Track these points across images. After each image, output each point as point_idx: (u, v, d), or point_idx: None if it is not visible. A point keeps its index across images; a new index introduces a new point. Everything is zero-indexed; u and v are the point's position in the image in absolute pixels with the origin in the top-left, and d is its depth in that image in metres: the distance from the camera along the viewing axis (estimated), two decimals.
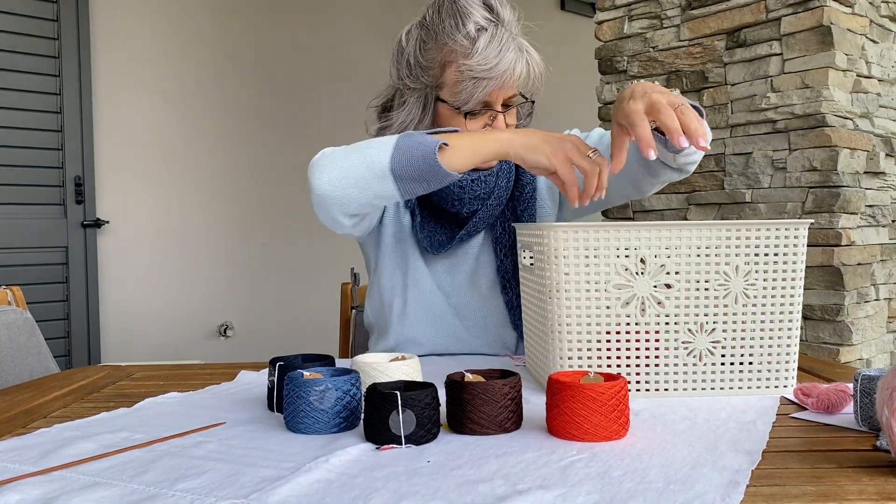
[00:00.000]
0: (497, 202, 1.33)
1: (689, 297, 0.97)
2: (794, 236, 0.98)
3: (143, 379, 1.21)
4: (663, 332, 0.97)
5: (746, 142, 2.68)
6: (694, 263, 0.96)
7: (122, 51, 3.44)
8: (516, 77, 1.22)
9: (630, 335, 0.97)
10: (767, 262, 0.97)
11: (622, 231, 0.95)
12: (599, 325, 0.97)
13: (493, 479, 0.66)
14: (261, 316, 3.87)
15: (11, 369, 1.43)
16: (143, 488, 0.65)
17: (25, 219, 3.16)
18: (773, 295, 0.98)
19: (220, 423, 0.88)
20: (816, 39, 2.46)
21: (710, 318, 0.98)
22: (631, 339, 0.97)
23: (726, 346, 0.98)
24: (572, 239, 0.95)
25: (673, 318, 0.97)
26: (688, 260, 0.96)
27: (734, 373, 0.99)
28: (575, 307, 0.96)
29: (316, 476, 0.67)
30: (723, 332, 0.98)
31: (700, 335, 0.98)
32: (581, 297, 0.96)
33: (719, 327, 0.98)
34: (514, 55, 1.20)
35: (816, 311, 2.50)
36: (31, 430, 0.88)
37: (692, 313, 0.97)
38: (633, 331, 0.97)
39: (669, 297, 0.97)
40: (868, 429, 0.80)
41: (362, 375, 0.93)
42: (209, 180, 3.72)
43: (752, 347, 0.99)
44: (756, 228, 0.97)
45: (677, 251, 0.96)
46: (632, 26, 3.03)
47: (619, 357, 0.97)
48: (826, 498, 0.61)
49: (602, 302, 0.96)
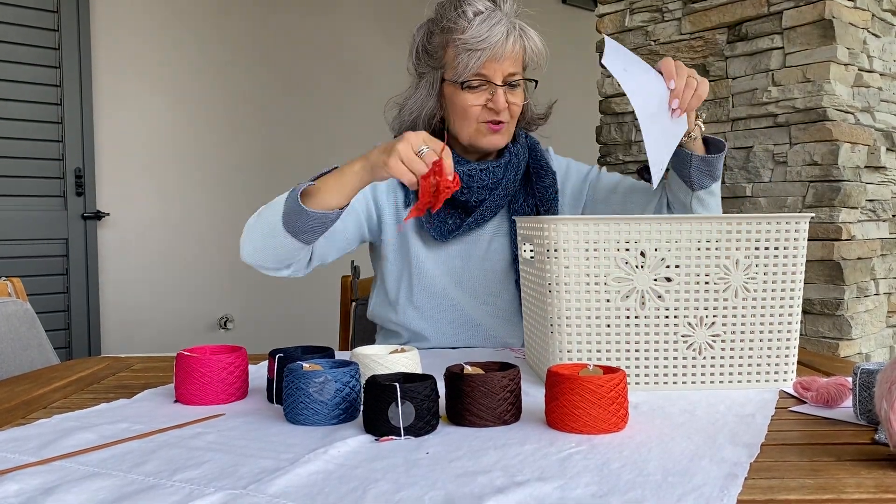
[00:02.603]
0: (504, 192, 1.36)
1: (689, 291, 0.97)
2: (794, 230, 0.98)
3: (142, 370, 1.21)
4: (663, 325, 0.97)
5: (747, 136, 2.67)
6: (694, 257, 0.96)
7: (122, 42, 3.43)
8: (509, 50, 1.26)
9: (630, 329, 0.97)
10: (768, 255, 0.97)
11: (622, 224, 0.95)
12: (599, 318, 0.97)
13: (491, 471, 0.66)
14: (261, 308, 3.87)
15: (11, 360, 1.43)
16: (143, 479, 0.66)
17: (25, 211, 3.16)
18: (774, 289, 0.98)
19: (220, 415, 0.88)
20: (818, 33, 2.46)
21: (710, 312, 0.98)
22: (630, 332, 0.97)
23: (726, 339, 0.98)
24: (572, 232, 0.95)
25: (673, 311, 0.97)
26: (688, 253, 0.96)
27: (734, 366, 0.99)
28: (575, 300, 0.96)
29: (315, 467, 0.68)
30: (722, 325, 0.98)
31: (700, 329, 0.98)
32: (581, 291, 0.96)
33: (719, 321, 0.98)
34: (506, 28, 1.26)
35: (816, 305, 2.51)
36: (30, 420, 0.88)
37: (692, 307, 0.97)
38: (632, 324, 0.97)
39: (669, 291, 0.97)
40: (867, 422, 0.80)
41: (362, 367, 0.93)
42: (210, 172, 3.72)
43: (752, 341, 0.99)
44: (756, 222, 0.97)
45: (677, 244, 0.96)
46: (633, 19, 3.02)
47: (619, 350, 0.98)
48: (824, 491, 0.61)
49: (602, 295, 0.96)
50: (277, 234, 1.16)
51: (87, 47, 3.27)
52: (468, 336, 1.38)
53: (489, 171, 1.33)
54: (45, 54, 3.18)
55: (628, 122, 3.05)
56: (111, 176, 3.41)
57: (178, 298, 3.62)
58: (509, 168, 1.36)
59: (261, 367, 1.16)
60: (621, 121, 3.07)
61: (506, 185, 1.35)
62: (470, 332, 1.38)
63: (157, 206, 3.56)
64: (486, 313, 1.38)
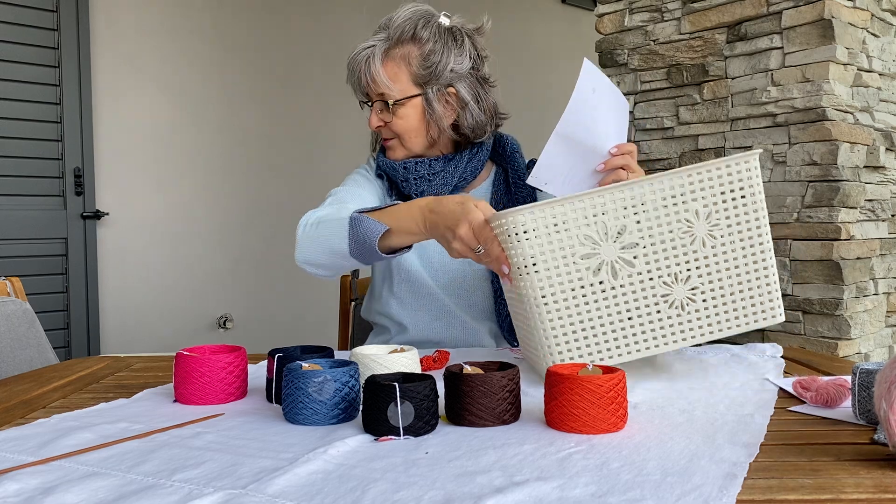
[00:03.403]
0: (443, 182, 1.41)
1: (657, 252, 0.97)
2: (745, 170, 0.98)
3: (142, 370, 1.21)
4: (640, 290, 0.98)
5: (746, 135, 2.67)
6: (654, 217, 0.97)
7: (121, 42, 3.43)
8: (368, 72, 1.35)
9: (609, 300, 0.97)
10: (726, 199, 0.98)
11: (577, 202, 0.96)
12: (576, 297, 0.97)
13: (491, 471, 0.66)
14: (260, 308, 3.87)
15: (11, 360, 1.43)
16: (142, 478, 0.66)
17: (25, 210, 3.15)
18: (740, 231, 0.98)
19: (219, 414, 0.88)
20: (817, 33, 2.46)
21: (683, 267, 0.98)
22: (610, 304, 0.97)
23: (705, 290, 0.98)
24: (530, 220, 0.95)
25: (646, 274, 0.98)
26: (646, 216, 0.97)
27: (719, 315, 0.99)
28: (549, 286, 0.96)
29: (314, 467, 0.68)
30: (698, 277, 0.98)
31: (677, 285, 0.98)
32: (552, 275, 0.96)
33: (693, 274, 0.98)
34: (366, 53, 1.36)
35: (815, 304, 2.51)
36: (30, 420, 0.88)
37: (664, 266, 0.98)
38: (610, 296, 0.98)
39: (638, 256, 0.97)
40: (866, 422, 0.80)
41: (361, 367, 0.93)
42: (209, 172, 3.71)
43: (731, 286, 0.99)
44: (707, 169, 0.97)
45: (634, 210, 0.96)
46: (632, 19, 3.02)
47: (604, 324, 0.98)
48: (823, 491, 0.61)
49: (574, 275, 0.97)
50: (344, 258, 1.21)
51: (86, 47, 3.27)
52: (444, 327, 1.41)
53: (424, 163, 1.40)
54: (44, 54, 3.17)
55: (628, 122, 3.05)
56: (110, 175, 3.41)
57: (178, 298, 3.62)
58: (453, 163, 1.41)
59: (260, 367, 1.16)
60: None
61: (445, 178, 1.40)
62: (445, 323, 1.41)
63: (157, 206, 3.56)
64: (462, 306, 1.42)
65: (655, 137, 2.96)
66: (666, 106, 2.92)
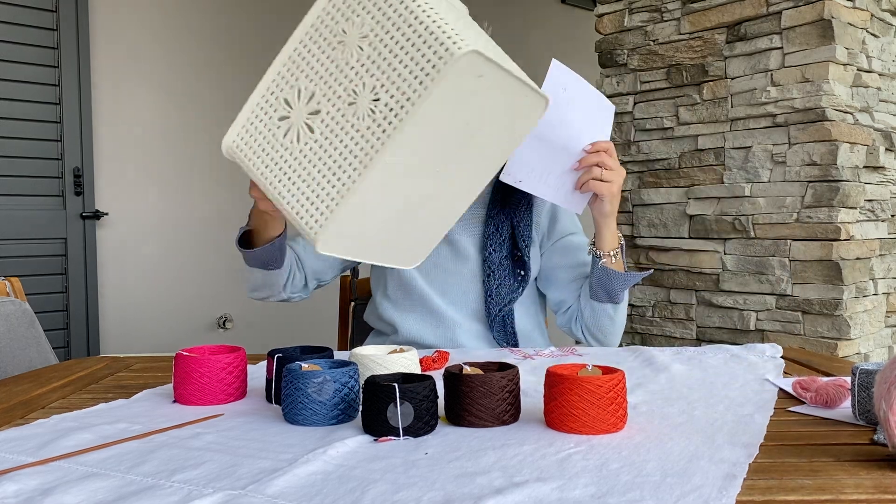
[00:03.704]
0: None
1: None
2: None
3: (141, 370, 1.21)
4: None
5: (746, 136, 2.67)
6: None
7: (121, 41, 3.42)
8: None
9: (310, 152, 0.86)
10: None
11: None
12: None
13: (490, 472, 0.66)
14: (260, 308, 3.87)
15: (10, 360, 1.43)
16: (141, 479, 0.66)
17: (24, 210, 3.15)
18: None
19: (219, 415, 0.88)
20: (817, 33, 2.46)
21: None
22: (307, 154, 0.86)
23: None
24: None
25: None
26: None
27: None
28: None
29: (314, 468, 0.68)
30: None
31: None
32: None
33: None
34: None
35: (815, 305, 2.51)
36: (29, 420, 0.88)
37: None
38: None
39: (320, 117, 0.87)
40: (865, 423, 0.80)
41: (360, 368, 0.93)
42: (208, 172, 3.71)
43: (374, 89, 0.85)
44: None
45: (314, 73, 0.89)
46: (632, 19, 3.02)
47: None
48: (823, 491, 0.61)
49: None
50: (253, 271, 1.39)
51: (85, 47, 3.27)
52: (433, 329, 1.42)
53: None
54: (43, 54, 3.17)
55: (627, 122, 3.05)
56: (110, 175, 3.41)
57: (177, 298, 3.62)
58: None
59: (260, 368, 1.16)
60: (620, 121, 3.07)
61: None
62: (433, 324, 1.42)
63: (156, 206, 3.55)
64: (452, 309, 1.42)
65: (655, 137, 2.96)
66: (665, 106, 2.92)
